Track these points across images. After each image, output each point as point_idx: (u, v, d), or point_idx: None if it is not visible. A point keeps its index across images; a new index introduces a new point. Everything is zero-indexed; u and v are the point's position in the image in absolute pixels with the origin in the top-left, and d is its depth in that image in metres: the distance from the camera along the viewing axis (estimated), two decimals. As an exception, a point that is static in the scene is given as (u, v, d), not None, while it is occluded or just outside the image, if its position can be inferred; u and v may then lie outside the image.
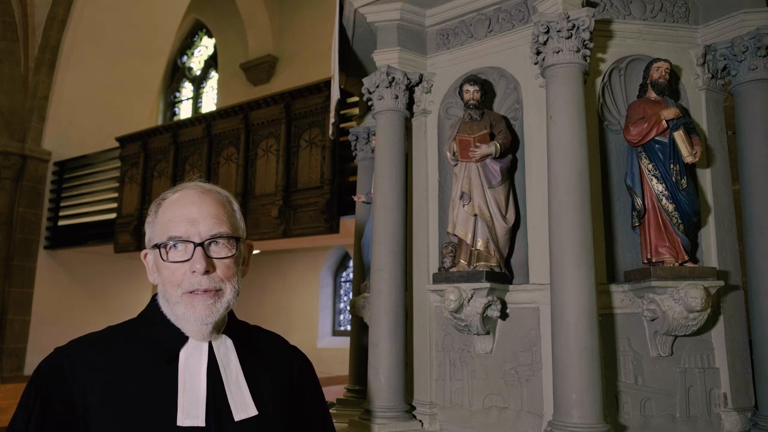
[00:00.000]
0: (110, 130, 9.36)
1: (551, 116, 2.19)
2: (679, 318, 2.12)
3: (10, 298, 9.10)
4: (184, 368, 1.16)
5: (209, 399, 1.14)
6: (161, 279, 1.19)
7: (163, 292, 1.20)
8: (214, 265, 1.16)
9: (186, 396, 1.13)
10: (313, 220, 6.72)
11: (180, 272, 1.16)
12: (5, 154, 9.27)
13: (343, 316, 10.48)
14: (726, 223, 2.39)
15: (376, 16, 2.69)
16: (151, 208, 1.24)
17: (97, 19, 9.79)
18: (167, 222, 1.18)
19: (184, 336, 1.18)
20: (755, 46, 2.27)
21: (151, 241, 1.21)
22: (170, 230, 1.16)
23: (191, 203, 1.19)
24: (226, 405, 1.15)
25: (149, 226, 1.22)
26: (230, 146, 7.72)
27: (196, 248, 1.15)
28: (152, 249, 1.20)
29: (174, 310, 1.18)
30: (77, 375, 1.11)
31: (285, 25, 11.97)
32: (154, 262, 1.20)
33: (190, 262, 1.15)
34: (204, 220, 1.17)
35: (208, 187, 1.23)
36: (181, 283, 1.16)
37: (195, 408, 1.12)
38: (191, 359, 1.17)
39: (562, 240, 2.09)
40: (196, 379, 1.15)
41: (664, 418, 2.19)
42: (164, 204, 1.21)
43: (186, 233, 1.16)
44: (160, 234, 1.18)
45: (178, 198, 1.20)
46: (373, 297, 2.58)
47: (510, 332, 2.36)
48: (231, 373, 1.20)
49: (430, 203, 2.64)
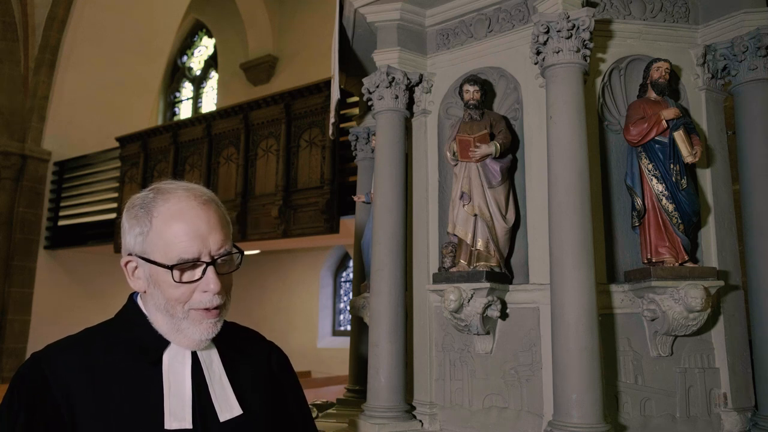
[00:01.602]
0: (110, 130, 9.37)
1: (551, 116, 2.19)
2: (679, 318, 2.12)
3: (10, 298, 9.11)
4: (168, 370, 1.15)
5: (194, 400, 1.13)
6: (160, 293, 1.15)
7: (162, 305, 1.15)
8: (220, 281, 1.15)
9: (172, 398, 1.12)
10: (313, 220, 6.72)
11: (188, 291, 1.14)
12: (5, 154, 9.27)
13: (343, 316, 10.48)
14: (726, 223, 2.39)
15: (376, 16, 2.69)
16: (136, 213, 1.16)
17: (97, 19, 9.79)
18: (173, 240, 1.12)
19: (164, 340, 1.17)
20: (755, 46, 2.27)
21: (147, 255, 1.14)
22: (180, 251, 1.11)
23: (197, 218, 1.13)
24: (211, 406, 1.15)
25: (139, 236, 1.15)
26: (230, 146, 7.72)
27: (208, 267, 1.13)
28: (146, 262, 1.14)
29: (174, 323, 1.15)
30: (60, 379, 1.08)
31: (285, 25, 11.97)
32: (150, 275, 1.15)
33: (202, 282, 1.13)
34: (212, 236, 1.14)
35: (204, 197, 1.18)
36: (188, 300, 1.14)
37: (181, 410, 1.12)
38: (175, 361, 1.16)
39: (562, 240, 2.09)
40: (180, 381, 1.15)
41: (664, 418, 2.19)
42: (161, 215, 1.14)
43: (198, 253, 1.12)
44: (165, 252, 1.12)
45: (180, 211, 1.14)
46: (373, 297, 2.58)
47: (510, 332, 2.36)
48: (214, 373, 1.19)
49: (430, 203, 2.64)
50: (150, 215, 1.15)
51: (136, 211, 1.17)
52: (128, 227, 1.17)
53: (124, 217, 1.19)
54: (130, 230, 1.17)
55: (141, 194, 1.20)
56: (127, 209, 1.19)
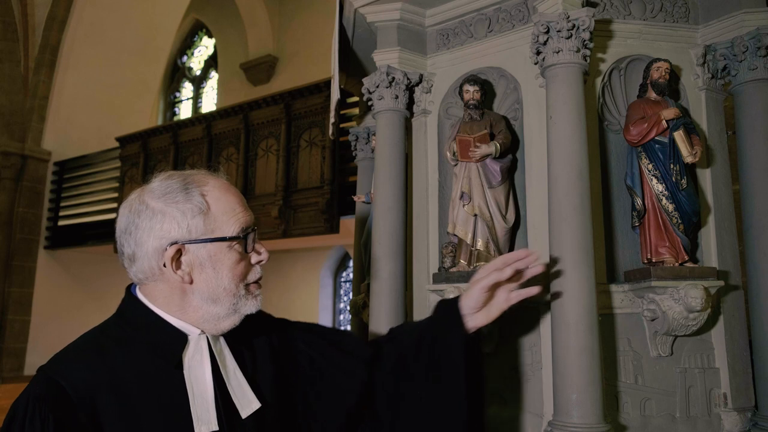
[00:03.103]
0: (110, 130, 9.38)
1: (551, 116, 2.19)
2: (679, 318, 2.12)
3: (10, 298, 9.11)
4: (189, 371, 1.10)
5: (217, 400, 1.10)
6: (220, 275, 1.11)
7: (219, 289, 1.11)
8: None
9: (196, 401, 1.08)
10: (313, 220, 6.72)
11: (248, 263, 1.13)
12: (5, 154, 9.27)
13: (343, 316, 10.48)
14: (726, 223, 2.39)
15: (376, 16, 2.69)
16: (175, 198, 1.09)
17: (97, 19, 9.79)
18: (232, 210, 1.11)
19: (183, 336, 1.12)
20: (755, 46, 2.27)
21: (212, 233, 1.10)
22: (243, 221, 1.11)
23: (236, 191, 1.15)
24: (232, 403, 1.12)
25: (197, 217, 1.09)
26: (230, 146, 7.72)
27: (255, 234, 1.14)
28: (208, 243, 1.09)
29: (230, 306, 1.11)
30: (82, 397, 0.99)
31: (285, 25, 11.97)
32: (209, 257, 1.10)
33: (256, 251, 1.14)
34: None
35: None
36: (247, 274, 1.13)
37: (206, 413, 1.08)
38: (194, 361, 1.11)
39: (562, 240, 2.09)
40: (201, 382, 1.10)
41: (664, 418, 2.19)
42: (211, 191, 1.11)
43: (253, 221, 1.13)
44: (227, 224, 1.10)
45: (224, 185, 1.14)
46: (373, 297, 2.58)
47: (510, 332, 2.36)
48: (229, 369, 1.16)
49: (430, 203, 2.64)
50: (200, 193, 1.11)
51: (174, 197, 1.10)
52: (169, 214, 1.09)
53: (152, 206, 1.10)
54: (170, 217, 1.09)
55: (164, 183, 1.12)
56: (159, 198, 1.10)
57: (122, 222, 1.13)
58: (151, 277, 1.12)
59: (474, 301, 1.35)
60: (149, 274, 1.12)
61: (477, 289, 1.35)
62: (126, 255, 1.13)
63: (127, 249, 1.12)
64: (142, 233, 1.10)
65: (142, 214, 1.10)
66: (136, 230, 1.10)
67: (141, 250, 1.10)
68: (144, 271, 1.12)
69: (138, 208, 1.11)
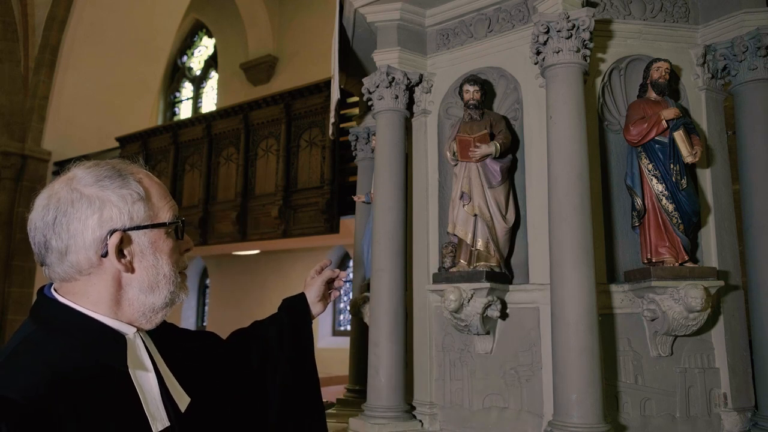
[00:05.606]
0: (110, 130, 9.37)
1: (551, 116, 2.19)
2: (679, 318, 2.12)
3: (10, 298, 9.11)
4: (134, 372, 1.05)
5: (162, 397, 1.06)
6: (161, 263, 1.07)
7: (160, 278, 1.07)
8: None
9: (148, 400, 1.04)
10: (313, 220, 6.72)
11: (179, 250, 1.12)
12: (5, 154, 9.28)
13: (343, 316, 10.48)
14: (726, 223, 2.39)
15: (376, 16, 2.69)
16: (114, 183, 1.03)
17: (97, 19, 9.79)
18: (165, 197, 1.10)
19: (121, 337, 1.06)
20: (755, 46, 2.27)
21: (155, 219, 1.06)
22: (174, 206, 1.11)
23: (158, 179, 1.14)
24: (171, 398, 1.09)
25: (138, 203, 1.04)
26: (230, 146, 7.72)
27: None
28: (150, 230, 1.05)
29: (170, 296, 1.09)
30: (36, 405, 0.89)
31: (285, 25, 11.98)
32: (150, 244, 1.06)
33: (185, 240, 1.14)
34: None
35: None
36: (179, 261, 1.11)
37: (157, 410, 1.04)
38: (135, 360, 1.07)
39: (562, 240, 2.09)
40: (146, 380, 1.06)
41: (664, 418, 2.19)
42: (143, 179, 1.08)
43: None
44: (163, 210, 1.08)
45: (148, 173, 1.12)
46: (373, 297, 2.58)
47: (510, 332, 2.36)
48: (161, 363, 1.11)
49: (430, 203, 2.64)
50: (135, 179, 1.06)
51: (110, 183, 1.04)
52: (108, 200, 1.03)
53: (87, 194, 1.03)
54: (109, 204, 1.02)
55: (92, 170, 1.05)
56: (92, 184, 1.03)
57: (47, 215, 1.02)
58: (84, 271, 1.03)
59: (316, 293, 1.72)
60: (83, 267, 1.03)
61: (319, 282, 1.72)
62: (54, 250, 1.02)
63: (57, 243, 1.02)
64: (77, 223, 1.01)
65: (76, 203, 1.02)
66: (69, 221, 1.01)
67: (75, 242, 1.01)
68: (77, 265, 1.02)
69: (69, 197, 1.02)
